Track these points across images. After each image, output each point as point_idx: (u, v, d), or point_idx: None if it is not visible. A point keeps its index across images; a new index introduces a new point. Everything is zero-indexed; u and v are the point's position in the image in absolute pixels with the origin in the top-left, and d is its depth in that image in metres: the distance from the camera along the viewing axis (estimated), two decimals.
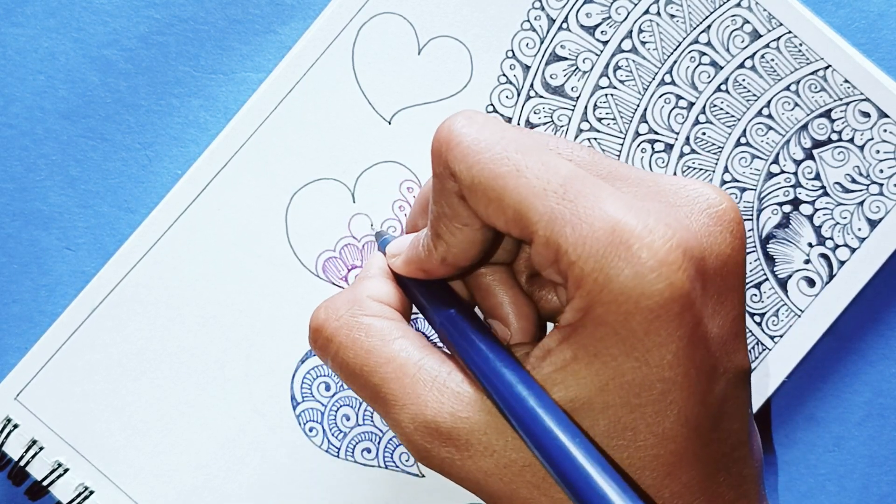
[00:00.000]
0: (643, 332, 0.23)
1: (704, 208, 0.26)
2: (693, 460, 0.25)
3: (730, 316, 0.26)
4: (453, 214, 0.27)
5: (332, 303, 0.29)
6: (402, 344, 0.27)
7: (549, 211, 0.24)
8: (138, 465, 0.36)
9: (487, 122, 0.26)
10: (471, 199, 0.26)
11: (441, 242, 0.28)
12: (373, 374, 0.27)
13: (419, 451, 0.26)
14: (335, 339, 0.28)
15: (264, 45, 0.38)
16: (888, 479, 0.38)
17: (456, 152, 0.26)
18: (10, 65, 0.38)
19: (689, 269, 0.24)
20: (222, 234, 0.36)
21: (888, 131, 0.36)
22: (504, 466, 0.25)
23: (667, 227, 0.24)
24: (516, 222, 0.25)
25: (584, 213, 0.24)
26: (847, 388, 0.38)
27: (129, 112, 0.38)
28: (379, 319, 0.28)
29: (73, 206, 0.37)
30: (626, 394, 0.24)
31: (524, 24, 0.36)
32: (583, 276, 0.24)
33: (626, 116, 0.36)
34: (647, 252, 0.23)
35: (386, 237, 0.34)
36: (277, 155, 0.36)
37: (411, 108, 0.36)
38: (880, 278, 0.37)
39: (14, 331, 0.37)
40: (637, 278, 0.23)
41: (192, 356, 0.36)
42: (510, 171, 0.25)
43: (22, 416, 0.36)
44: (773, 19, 0.36)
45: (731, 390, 0.25)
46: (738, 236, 0.26)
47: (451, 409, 0.26)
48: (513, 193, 0.25)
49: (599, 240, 0.23)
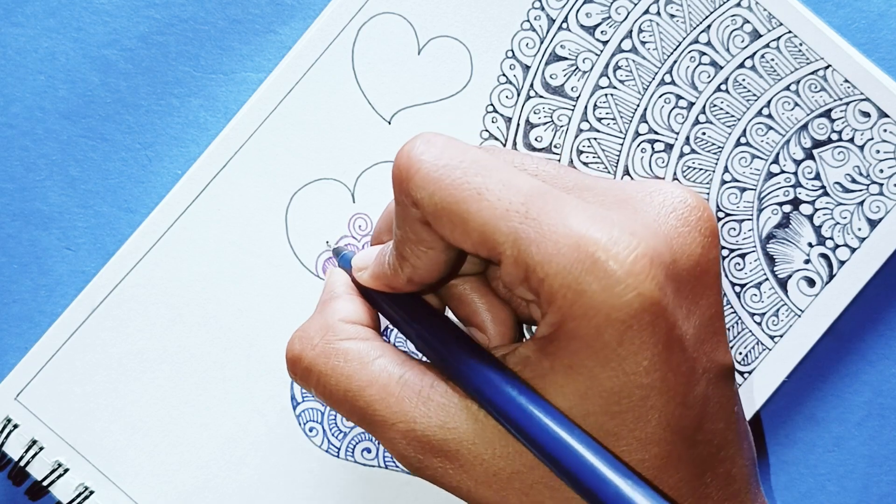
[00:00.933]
0: (616, 343, 0.24)
1: (671, 211, 0.26)
2: (678, 463, 0.25)
3: (706, 315, 0.26)
4: (417, 239, 0.27)
5: (305, 332, 0.29)
6: (381, 363, 0.27)
7: (513, 231, 0.24)
8: (138, 465, 0.36)
9: (447, 145, 0.26)
10: (435, 224, 0.26)
11: (407, 264, 0.28)
12: (357, 399, 0.27)
13: (412, 464, 0.27)
14: (314, 368, 0.28)
15: (264, 45, 0.38)
16: (888, 479, 0.38)
17: (416, 179, 0.26)
18: (10, 65, 0.38)
19: (658, 276, 0.24)
20: (222, 234, 0.36)
21: (888, 131, 0.36)
22: (493, 475, 0.25)
23: (632, 235, 0.24)
24: (483, 244, 0.25)
25: (548, 230, 0.24)
26: (847, 388, 0.38)
27: (129, 112, 0.38)
28: (354, 342, 0.28)
29: (73, 206, 0.37)
30: (605, 402, 0.24)
31: (524, 24, 0.36)
32: (552, 292, 0.24)
33: (626, 116, 0.36)
34: (614, 263, 0.23)
35: (345, 253, 0.33)
36: (277, 155, 0.36)
37: (411, 108, 0.36)
38: (880, 278, 0.37)
39: (14, 331, 0.37)
40: (605, 291, 0.23)
41: (192, 356, 0.36)
42: (471, 195, 0.25)
43: (22, 416, 0.36)
44: (773, 19, 0.36)
45: (713, 390, 0.26)
46: (707, 234, 0.26)
47: (439, 420, 0.26)
48: (476, 217, 0.25)
49: (565, 255, 0.23)
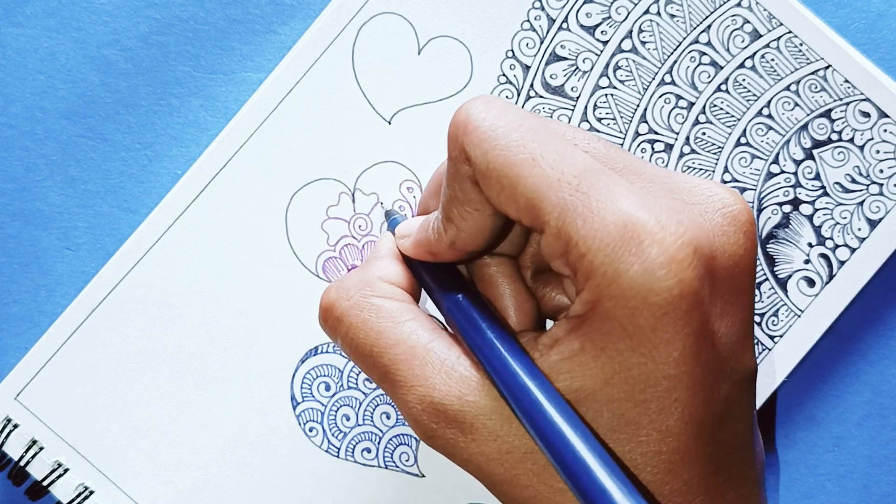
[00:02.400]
0: (650, 329, 0.23)
1: (718, 207, 0.26)
2: (695, 459, 0.25)
3: (739, 317, 0.26)
4: (465, 199, 0.27)
5: (343, 283, 0.29)
6: (411, 326, 0.27)
7: (562, 202, 0.24)
8: (138, 465, 0.36)
9: (506, 108, 0.26)
10: (484, 184, 0.26)
11: (451, 226, 0.27)
12: (382, 356, 0.27)
13: (425, 431, 0.26)
14: (345, 319, 0.28)
15: (264, 45, 0.38)
16: (888, 479, 0.38)
17: (472, 137, 0.26)
18: (10, 65, 0.38)
19: (699, 268, 0.24)
20: (222, 234, 0.36)
21: (888, 131, 0.36)
22: (506, 452, 0.25)
23: (678, 223, 0.24)
24: (528, 211, 0.25)
25: (597, 206, 0.24)
26: (847, 388, 0.38)
27: (129, 112, 0.38)
28: (389, 301, 0.28)
29: (73, 206, 0.37)
30: (630, 388, 0.24)
31: (524, 24, 0.36)
32: (592, 269, 0.24)
33: (626, 116, 0.36)
34: (658, 248, 0.23)
35: (396, 217, 0.33)
36: (277, 155, 0.36)
37: (411, 108, 0.36)
38: (880, 278, 0.37)
39: (14, 331, 0.37)
40: (646, 274, 0.23)
41: (192, 356, 0.36)
42: (525, 160, 0.25)
43: (22, 416, 0.36)
44: (774, 19, 0.36)
45: (737, 392, 0.25)
46: (750, 238, 0.26)
47: (459, 392, 0.26)
48: (527, 182, 0.25)
49: (610, 233, 0.23)
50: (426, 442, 0.27)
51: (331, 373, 0.36)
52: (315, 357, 0.36)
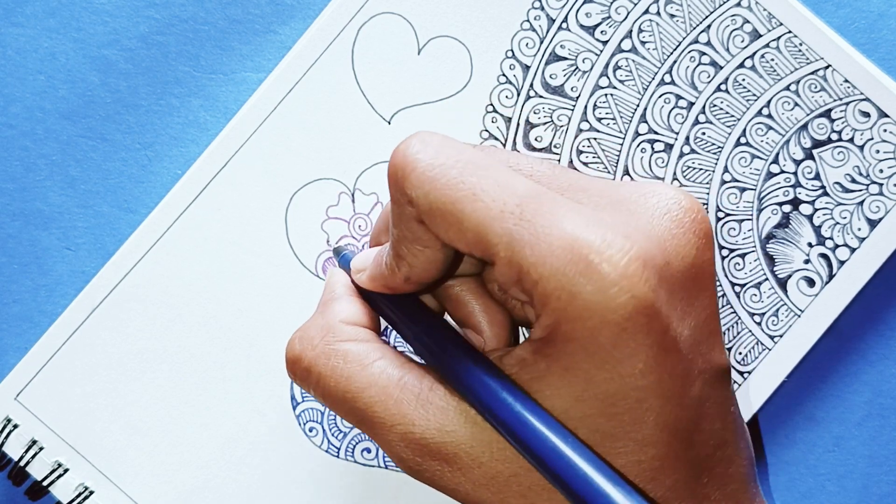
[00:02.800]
0: (611, 346, 0.24)
1: (664, 212, 0.26)
2: (676, 463, 0.25)
3: (701, 316, 0.26)
4: (413, 238, 0.27)
5: (305, 332, 0.29)
6: (380, 365, 0.27)
7: (508, 232, 0.24)
8: (138, 465, 0.36)
9: (442, 144, 0.26)
10: (430, 223, 0.26)
11: (404, 263, 0.28)
12: (356, 400, 0.27)
13: (410, 466, 0.27)
14: (314, 369, 0.28)
15: (264, 45, 0.38)
16: (888, 479, 0.38)
17: (412, 178, 0.26)
18: (10, 65, 0.38)
19: (651, 279, 0.24)
20: (222, 234, 0.36)
21: (888, 131, 0.36)
22: (491, 478, 0.26)
23: (625, 238, 0.24)
24: (477, 245, 0.25)
25: (542, 232, 0.24)
26: (847, 388, 0.38)
27: (129, 112, 0.38)
28: (354, 343, 0.28)
29: (73, 206, 0.37)
30: (601, 404, 0.24)
31: (524, 24, 0.36)
32: (546, 294, 0.24)
33: (625, 116, 0.36)
34: (608, 266, 0.23)
35: (346, 252, 0.33)
36: (277, 155, 0.36)
37: (411, 107, 0.36)
38: (880, 278, 0.37)
39: (14, 331, 0.37)
40: (600, 293, 0.23)
41: (192, 356, 0.36)
42: (466, 195, 0.25)
43: (22, 416, 0.36)
44: (773, 19, 0.36)
45: (709, 390, 0.26)
46: (701, 236, 0.26)
47: (438, 424, 0.26)
48: (470, 217, 0.25)
49: (559, 258, 0.24)
50: (413, 476, 0.27)
51: None
52: None
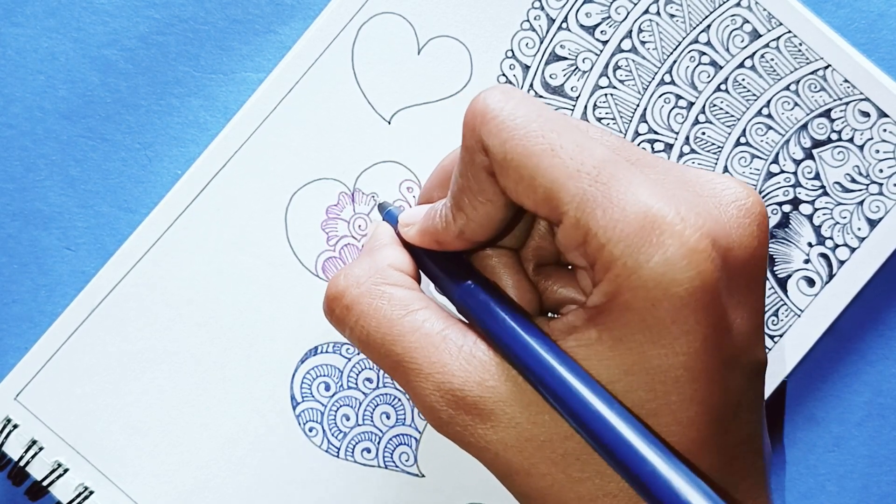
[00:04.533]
0: (670, 320, 0.23)
1: (732, 200, 0.26)
2: (712, 448, 0.25)
3: (752, 309, 0.26)
4: (479, 189, 0.26)
5: (352, 271, 0.29)
6: (425, 314, 0.27)
7: (582, 192, 0.24)
8: (138, 465, 0.36)
9: (524, 98, 0.26)
10: (501, 175, 0.25)
11: (461, 215, 0.27)
12: (395, 344, 0.27)
13: (440, 419, 0.26)
14: (356, 307, 0.28)
15: (264, 45, 0.38)
16: (888, 479, 0.38)
17: (490, 126, 0.25)
18: (10, 65, 0.38)
19: (717, 259, 0.24)
20: (222, 234, 0.36)
21: (888, 131, 0.36)
22: (525, 440, 0.25)
23: (697, 215, 0.24)
24: (546, 202, 0.25)
25: (617, 198, 0.24)
26: (847, 388, 0.38)
27: (129, 112, 0.38)
28: (401, 289, 0.28)
29: (73, 206, 0.37)
30: (650, 380, 0.24)
31: (524, 24, 0.36)
32: (612, 259, 0.24)
33: (625, 116, 0.36)
34: (678, 240, 0.23)
35: (391, 208, 0.33)
36: (277, 155, 0.36)
37: (411, 107, 0.36)
38: (880, 278, 0.37)
39: (14, 331, 0.37)
40: (667, 265, 0.23)
41: (192, 356, 0.36)
42: (545, 150, 0.25)
43: (22, 416, 0.36)
44: (773, 19, 0.36)
45: (749, 383, 0.26)
46: (763, 230, 0.26)
47: (479, 377, 0.25)
48: (546, 172, 0.24)
49: (631, 224, 0.23)
50: (440, 430, 0.26)
51: (331, 373, 0.36)
52: (315, 357, 0.36)
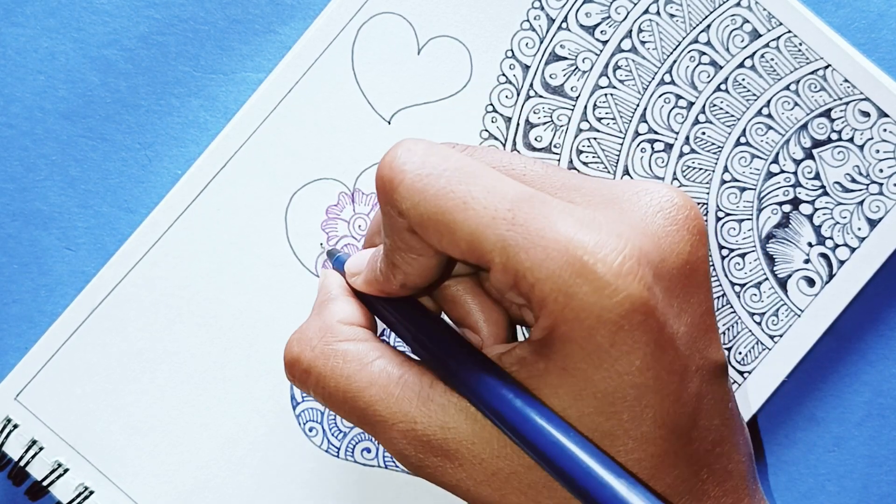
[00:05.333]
0: (608, 345, 0.24)
1: (658, 210, 0.26)
2: (675, 460, 0.25)
3: (697, 313, 0.26)
4: (406, 247, 0.27)
5: (303, 334, 0.29)
6: (380, 364, 0.27)
7: (501, 238, 0.24)
8: (138, 465, 0.36)
9: (428, 152, 0.26)
10: (422, 234, 0.26)
11: (398, 271, 0.28)
12: (357, 399, 0.27)
13: (412, 463, 0.27)
14: (313, 370, 0.28)
15: (264, 45, 0.38)
16: (888, 479, 0.38)
17: (400, 190, 0.25)
18: (10, 65, 0.38)
19: (646, 277, 0.24)
20: (222, 234, 0.36)
21: (888, 131, 0.36)
22: (492, 475, 0.26)
23: (618, 237, 0.24)
24: (471, 252, 0.25)
25: (536, 236, 0.24)
26: (847, 388, 0.38)
27: (129, 112, 0.38)
28: (353, 343, 0.28)
29: (73, 206, 0.37)
30: (599, 403, 0.24)
31: (524, 24, 0.36)
32: (543, 297, 0.24)
33: (625, 116, 0.36)
34: (602, 266, 0.24)
35: (339, 255, 0.33)
36: (277, 155, 0.36)
37: (411, 107, 0.36)
38: (880, 278, 0.37)
39: (14, 331, 0.37)
40: (595, 294, 0.23)
41: (192, 356, 0.36)
42: (456, 205, 0.25)
43: (22, 416, 0.36)
44: (773, 19, 0.36)
45: (707, 387, 0.26)
46: (695, 233, 0.26)
47: (439, 421, 0.26)
48: (462, 226, 0.25)
49: (554, 260, 0.24)
50: (415, 473, 0.27)
51: None
52: None
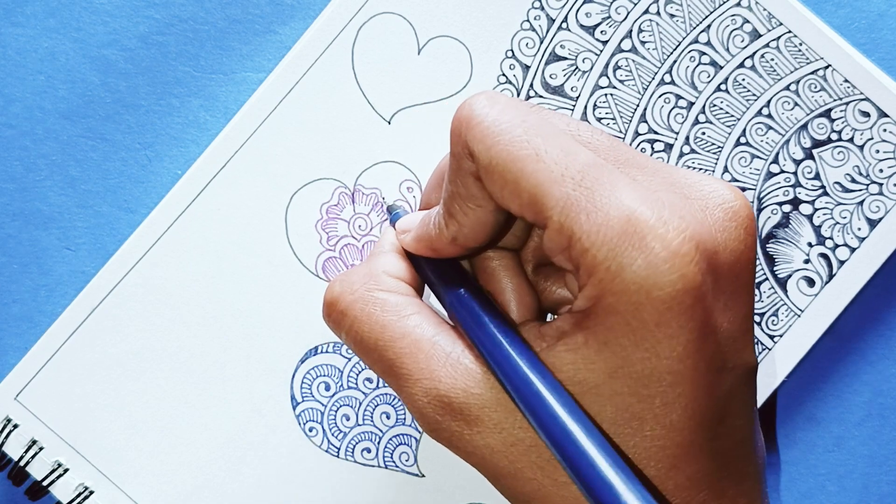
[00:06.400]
0: (654, 324, 0.23)
1: (719, 203, 0.26)
2: (698, 454, 0.25)
3: (740, 312, 0.26)
4: (468, 195, 0.27)
5: (348, 277, 0.29)
6: (416, 320, 0.28)
7: (565, 197, 0.24)
8: (138, 465, 0.36)
9: (509, 104, 0.26)
10: (487, 180, 0.26)
11: (453, 222, 0.27)
12: (387, 349, 0.27)
13: (430, 423, 0.26)
14: (350, 312, 0.28)
15: (264, 45, 0.38)
16: (888, 479, 0.38)
17: (475, 132, 0.26)
18: (10, 65, 0.38)
19: (702, 263, 0.24)
20: (222, 234, 0.36)
21: (888, 131, 0.36)
22: (511, 445, 0.25)
23: (681, 219, 0.24)
24: (531, 206, 0.25)
25: (600, 202, 0.24)
26: (847, 388, 0.38)
27: (129, 112, 0.38)
28: (394, 295, 0.28)
29: (73, 206, 0.37)
30: (634, 383, 0.24)
31: (524, 24, 0.36)
32: (595, 264, 0.24)
33: (625, 116, 0.36)
34: (661, 243, 0.23)
35: (397, 211, 0.33)
36: (277, 155, 0.36)
37: (411, 107, 0.36)
38: (880, 278, 0.37)
39: (14, 331, 0.37)
40: (649, 269, 0.23)
41: (192, 356, 0.36)
42: (529, 155, 0.25)
43: (22, 416, 0.36)
44: (773, 19, 0.36)
45: (738, 387, 0.26)
46: (750, 234, 0.26)
47: (464, 384, 0.26)
48: (530, 177, 0.25)
49: (614, 228, 0.23)
50: (430, 434, 0.27)
51: (331, 373, 0.36)
52: (315, 357, 0.36)
